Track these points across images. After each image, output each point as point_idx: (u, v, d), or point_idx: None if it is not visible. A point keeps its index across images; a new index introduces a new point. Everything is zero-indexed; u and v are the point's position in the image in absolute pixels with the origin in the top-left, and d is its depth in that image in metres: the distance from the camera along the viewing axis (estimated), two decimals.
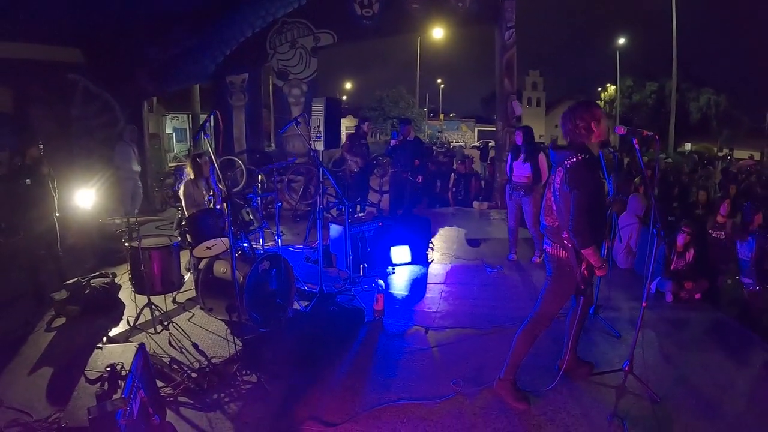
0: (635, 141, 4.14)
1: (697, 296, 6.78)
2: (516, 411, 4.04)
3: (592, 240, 3.69)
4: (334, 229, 7.47)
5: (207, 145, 4.88)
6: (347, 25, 12.01)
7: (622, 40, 47.52)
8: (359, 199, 9.41)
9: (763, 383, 4.82)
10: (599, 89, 61.22)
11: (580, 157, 3.67)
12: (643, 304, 4.40)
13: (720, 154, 41.22)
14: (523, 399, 4.12)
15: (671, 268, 6.89)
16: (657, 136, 4.37)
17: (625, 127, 4.12)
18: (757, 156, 36.13)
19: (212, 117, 5.40)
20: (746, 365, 5.17)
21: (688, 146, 49.23)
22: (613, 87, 55.35)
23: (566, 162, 3.71)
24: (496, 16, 12.38)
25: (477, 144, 42.88)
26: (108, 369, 3.22)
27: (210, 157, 5.53)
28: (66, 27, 9.57)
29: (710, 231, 7.78)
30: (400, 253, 7.76)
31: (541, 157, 7.77)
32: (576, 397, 4.30)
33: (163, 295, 5.65)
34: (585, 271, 3.81)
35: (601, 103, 57.85)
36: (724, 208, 7.85)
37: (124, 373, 3.23)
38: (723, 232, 7.71)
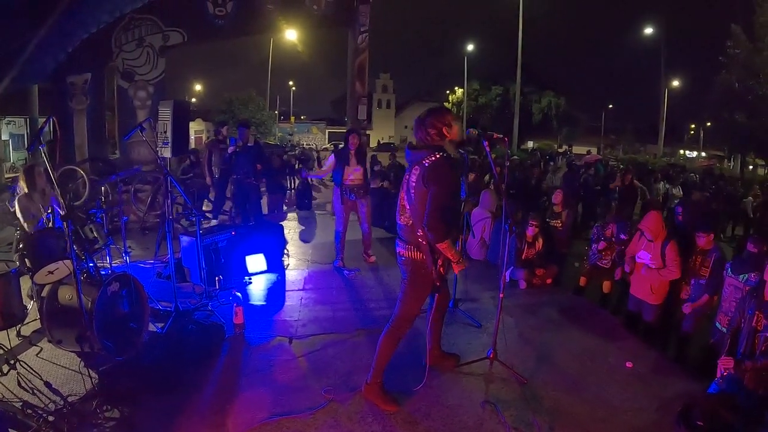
0: (486, 143, 4.37)
1: (549, 281, 7.36)
2: (389, 413, 4.14)
3: (447, 235, 3.80)
4: (186, 241, 7.16)
5: (43, 155, 4.50)
6: (199, 23, 11.52)
7: (470, 47, 49.93)
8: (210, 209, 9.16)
9: (615, 351, 5.41)
10: (447, 92, 64.00)
11: (438, 155, 3.79)
12: (501, 295, 4.71)
13: (560, 150, 44.76)
14: (392, 401, 4.23)
15: (522, 257, 7.37)
16: (507, 138, 4.65)
17: (476, 130, 4.34)
18: (594, 151, 39.47)
19: (49, 123, 4.99)
20: (599, 337, 5.77)
21: (530, 144, 52.96)
22: (460, 90, 58.20)
23: (424, 161, 3.82)
24: (350, 20, 12.49)
25: (328, 146, 43.22)
26: None
27: (46, 170, 5.12)
28: None
29: (547, 220, 8.38)
30: (256, 262, 7.65)
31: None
32: (447, 389, 4.52)
33: (5, 330, 5.10)
34: (441, 268, 3.95)
35: (449, 105, 60.48)
36: (556, 197, 8.52)
37: None
38: (560, 221, 8.36)
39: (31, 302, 5.76)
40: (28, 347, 5.28)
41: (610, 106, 69.46)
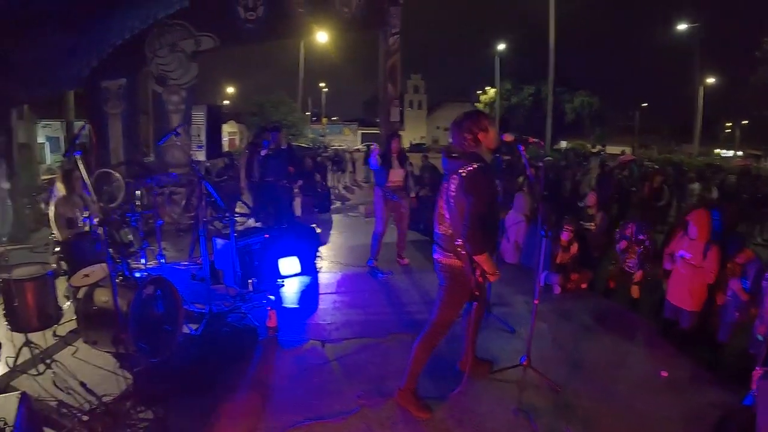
0: (522, 147, 4.31)
1: (583, 286, 7.23)
2: (421, 420, 4.10)
3: (486, 246, 3.77)
4: (219, 244, 7.20)
5: (80, 163, 4.56)
6: (230, 28, 11.60)
7: (501, 46, 49.53)
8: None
9: (650, 358, 5.31)
10: (479, 92, 63.63)
11: (475, 166, 3.74)
12: (535, 302, 4.61)
13: (593, 150, 44.15)
14: (424, 407, 4.19)
15: (557, 262, 7.26)
16: (542, 143, 4.58)
17: (512, 135, 4.28)
18: (627, 151, 38.85)
19: (84, 130, 5.05)
20: (633, 344, 5.68)
21: (563, 144, 52.38)
22: (492, 90, 57.72)
23: (461, 170, 3.77)
24: (381, 22, 12.47)
25: (361, 147, 43.36)
26: None
27: (82, 177, 5.20)
28: None
29: (581, 222, 8.23)
30: (289, 265, 7.64)
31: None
32: (480, 396, 4.45)
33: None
34: (479, 278, 3.89)
35: (481, 105, 60.09)
36: (590, 199, 8.35)
37: (8, 430, 2.99)
38: (593, 224, 8.19)
39: (67, 303, 5.85)
40: (63, 347, 5.34)
41: (644, 104, 68.47)
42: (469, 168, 3.76)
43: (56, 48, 10.50)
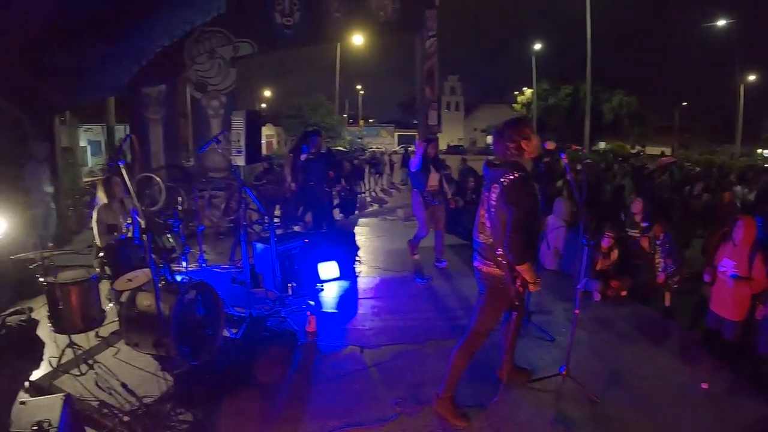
0: (564, 155, 4.25)
1: (623, 293, 7.06)
2: (458, 428, 4.07)
3: (527, 256, 3.72)
4: (260, 248, 7.28)
5: (123, 171, 4.66)
6: (267, 34, 11.74)
7: (538, 46, 49.15)
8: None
9: (691, 369, 5.14)
10: (516, 93, 63.13)
11: (516, 175, 3.69)
12: (576, 311, 4.54)
13: (633, 151, 43.29)
14: (462, 416, 4.14)
15: (597, 268, 7.12)
16: (584, 150, 4.50)
17: (554, 143, 4.22)
18: (667, 152, 38.09)
19: (128, 141, 5.15)
20: (674, 354, 5.52)
21: (602, 145, 51.52)
22: (529, 90, 57.24)
23: (502, 179, 3.72)
24: (418, 25, 12.46)
25: (398, 149, 43.34)
26: (35, 428, 3.02)
27: (126, 185, 5.29)
28: None
29: (627, 230, 8.05)
30: (328, 269, 7.67)
31: None
32: (518, 406, 4.37)
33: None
34: (520, 288, 3.84)
35: (518, 106, 59.49)
36: (636, 206, 8.14)
37: (52, 431, 3.04)
38: (638, 231, 8.00)
39: (110, 304, 5.96)
40: (105, 348, 5.46)
41: (684, 103, 67.00)
42: (511, 177, 3.70)
43: (96, 56, 10.73)
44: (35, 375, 4.97)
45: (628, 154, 39.27)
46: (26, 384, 4.76)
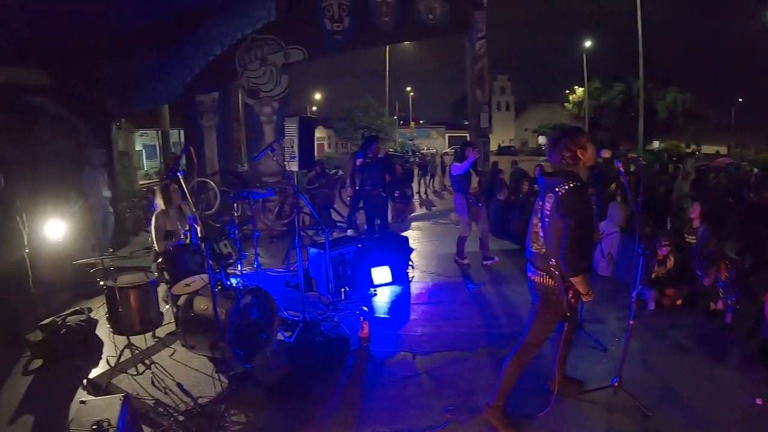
0: (620, 163, 4.16)
1: (679, 302, 6.80)
2: None
3: (582, 267, 3.65)
4: (313, 252, 7.36)
5: (181, 181, 4.78)
6: (318, 40, 11.88)
7: (588, 43, 48.20)
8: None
9: (746, 383, 4.87)
10: (567, 91, 62.10)
11: (571, 185, 3.60)
12: (630, 322, 4.41)
13: (688, 151, 41.88)
14: (512, 426, 4.07)
15: (652, 276, 6.91)
16: (641, 159, 4.39)
17: (609, 150, 4.13)
18: (723, 151, 36.82)
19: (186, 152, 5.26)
20: (729, 367, 5.27)
21: (656, 144, 50.05)
22: (581, 89, 56.21)
23: (557, 189, 3.64)
24: (467, 27, 12.46)
25: (449, 150, 43.12)
26: (94, 427, 3.11)
27: (184, 193, 5.41)
28: (28, 48, 9.28)
29: (685, 235, 7.80)
30: (381, 274, 7.69)
31: None
32: (569, 417, 4.27)
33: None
34: (572, 299, 3.77)
35: (570, 105, 58.45)
36: (694, 211, 7.85)
37: (111, 430, 3.12)
38: (696, 237, 7.71)
39: (166, 306, 6.10)
40: (162, 348, 5.62)
41: (740, 99, 64.61)
42: (566, 187, 3.61)
43: (151, 66, 11.08)
44: (93, 373, 5.19)
45: (683, 153, 38.07)
46: (84, 382, 4.95)
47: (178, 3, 10.00)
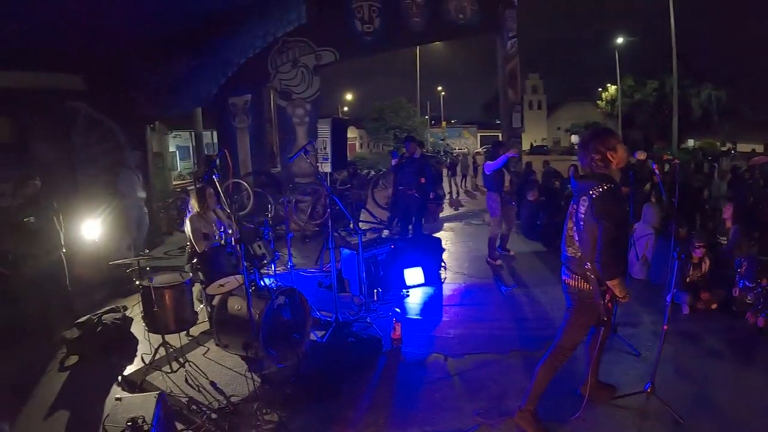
0: (655, 165, 4.08)
1: (714, 306, 6.62)
2: None
3: (619, 271, 3.60)
4: (346, 253, 7.39)
5: (216, 184, 4.85)
6: (348, 41, 11.96)
7: (620, 39, 47.39)
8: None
9: None
10: (600, 89, 61.15)
11: (605, 187, 3.55)
12: (664, 327, 4.33)
13: (723, 149, 40.78)
14: (543, 430, 4.03)
15: (687, 279, 6.76)
16: (677, 161, 4.31)
17: (644, 152, 4.06)
18: (759, 149, 35.81)
19: (220, 156, 5.33)
20: (765, 376, 5.05)
21: (691, 142, 48.87)
22: (613, 87, 55.23)
23: (591, 192, 3.59)
24: (497, 26, 12.38)
25: (480, 150, 43.15)
26: (129, 424, 3.15)
27: (219, 197, 5.49)
28: (65, 54, 9.48)
29: (719, 237, 7.62)
30: (414, 275, 7.68)
31: None
32: (600, 423, 4.21)
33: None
34: (609, 303, 3.73)
35: (603, 103, 57.54)
36: (726, 211, 7.67)
37: (146, 427, 3.16)
38: (728, 238, 7.54)
39: (200, 305, 6.18)
40: (195, 347, 5.70)
41: None
42: (600, 189, 3.57)
43: (185, 70, 11.26)
44: (128, 370, 5.30)
45: (719, 152, 37.09)
46: (119, 379, 5.06)
47: (211, 7, 10.14)
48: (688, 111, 48.55)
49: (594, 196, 3.57)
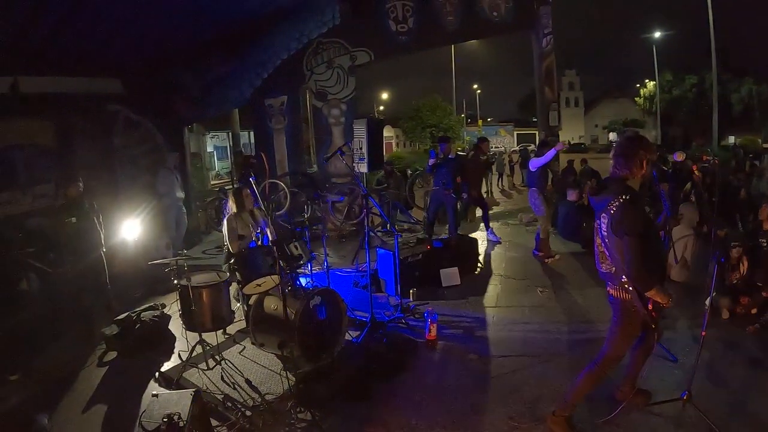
0: (694, 167, 4.00)
1: (754, 311, 6.39)
2: None
3: (654, 281, 3.54)
4: (382, 253, 7.41)
5: (254, 186, 4.91)
6: (383, 42, 11.93)
7: (657, 34, 46.42)
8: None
9: None
10: (638, 85, 60.04)
11: (622, 199, 3.50)
12: (702, 333, 4.22)
13: (765, 146, 39.49)
14: None
15: (726, 283, 6.56)
16: (716, 159, 4.20)
17: (683, 153, 3.97)
18: None
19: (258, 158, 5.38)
20: None
21: (731, 139, 47.44)
22: (652, 83, 54.16)
23: (610, 207, 3.55)
24: (532, 24, 12.24)
25: (517, 149, 42.66)
26: (165, 420, 3.20)
27: (257, 198, 5.56)
28: (105, 58, 9.69)
29: (760, 240, 7.39)
30: (449, 276, 7.66)
31: None
32: (633, 430, 4.13)
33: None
34: (653, 312, 3.67)
35: (641, 99, 56.42)
36: (764, 212, 7.42)
37: (182, 424, 3.21)
38: (766, 240, 7.28)
39: (237, 304, 6.26)
40: (232, 345, 5.76)
41: None
42: (617, 203, 3.52)
43: (222, 73, 11.40)
44: (165, 367, 5.41)
45: (760, 149, 35.91)
46: (156, 375, 5.18)
47: (247, 11, 10.23)
48: (728, 107, 47.15)
49: (612, 211, 3.54)
